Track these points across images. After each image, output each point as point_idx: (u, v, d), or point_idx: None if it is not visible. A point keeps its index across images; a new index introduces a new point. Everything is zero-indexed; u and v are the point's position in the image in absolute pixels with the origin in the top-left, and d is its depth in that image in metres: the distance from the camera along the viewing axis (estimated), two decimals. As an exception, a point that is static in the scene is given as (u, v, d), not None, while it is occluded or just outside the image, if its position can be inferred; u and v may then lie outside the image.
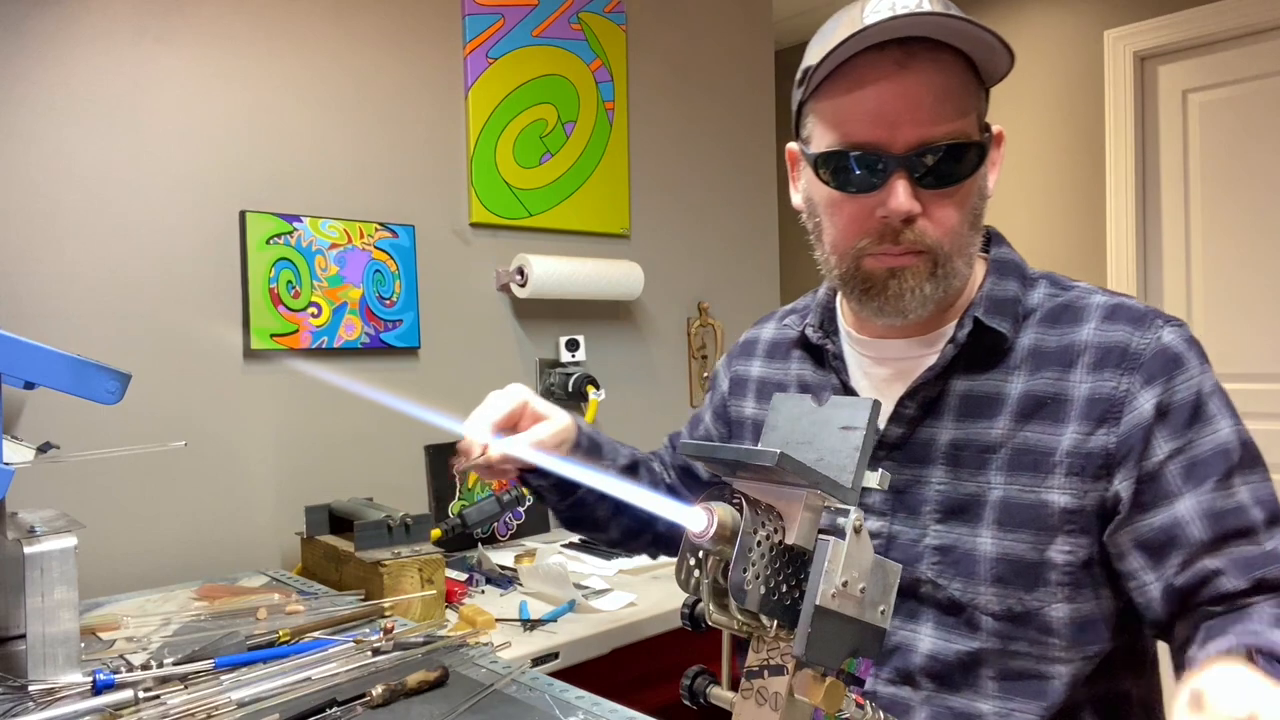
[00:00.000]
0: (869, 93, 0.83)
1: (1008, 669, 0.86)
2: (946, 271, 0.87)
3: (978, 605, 0.86)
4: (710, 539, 0.63)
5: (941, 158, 0.83)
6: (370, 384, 1.88)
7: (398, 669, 1.06)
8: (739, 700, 0.67)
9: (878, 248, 0.86)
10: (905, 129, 0.82)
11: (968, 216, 0.87)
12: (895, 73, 0.82)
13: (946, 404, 0.90)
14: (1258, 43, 2.73)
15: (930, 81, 0.83)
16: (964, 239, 0.87)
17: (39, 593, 1.01)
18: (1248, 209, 2.78)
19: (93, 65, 1.56)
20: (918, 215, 0.84)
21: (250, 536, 1.72)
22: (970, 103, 0.85)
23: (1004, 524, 0.86)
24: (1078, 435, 0.84)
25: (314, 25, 1.82)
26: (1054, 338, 0.89)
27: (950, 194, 0.85)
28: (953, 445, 0.89)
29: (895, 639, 0.90)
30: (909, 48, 0.82)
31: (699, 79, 2.54)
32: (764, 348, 1.12)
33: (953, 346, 0.89)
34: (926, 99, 0.82)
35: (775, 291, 2.78)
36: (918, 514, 0.90)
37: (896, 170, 0.83)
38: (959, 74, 0.84)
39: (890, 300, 0.88)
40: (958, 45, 0.83)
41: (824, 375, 1.01)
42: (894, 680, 0.90)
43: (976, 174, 0.86)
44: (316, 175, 1.82)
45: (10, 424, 1.40)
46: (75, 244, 1.54)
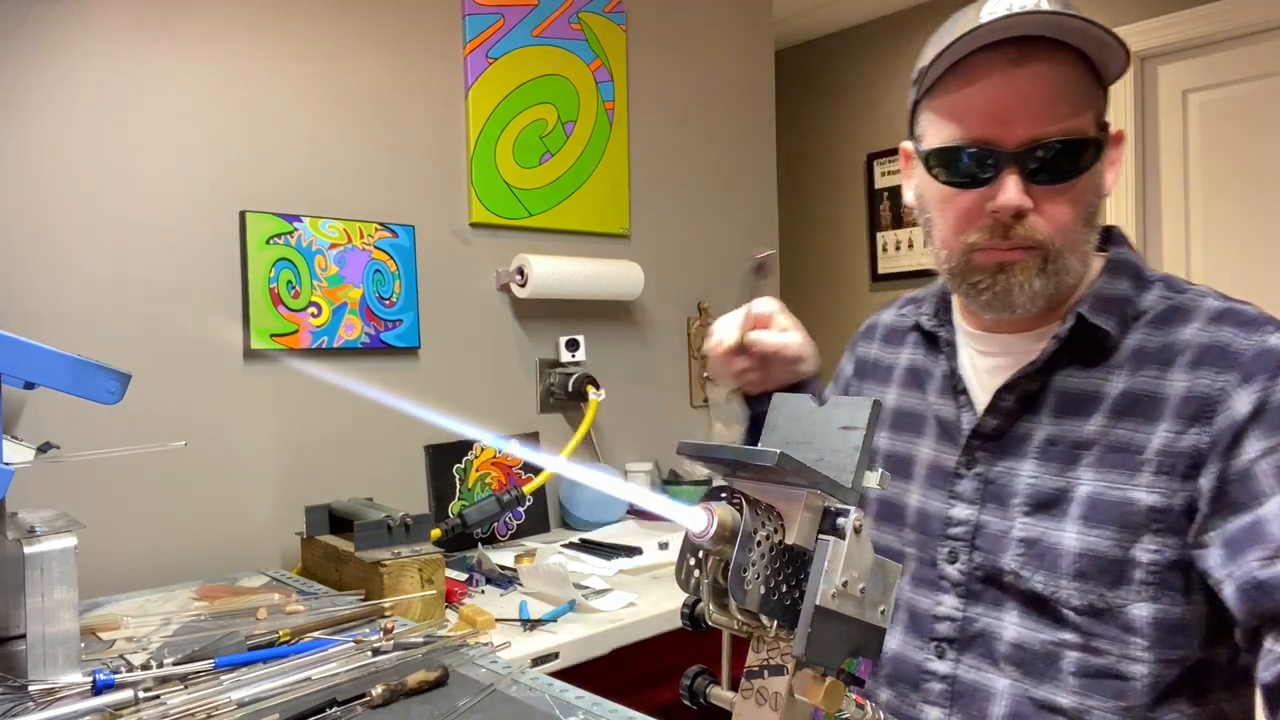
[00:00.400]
0: (982, 89, 0.85)
1: (1088, 665, 0.85)
2: (1057, 268, 0.87)
3: (1059, 599, 0.86)
4: (710, 539, 0.63)
5: (1054, 154, 0.84)
6: (370, 384, 1.88)
7: (398, 669, 1.05)
8: (739, 700, 0.67)
9: (987, 242, 0.87)
10: (1018, 125, 0.83)
11: (1081, 214, 0.87)
12: (1009, 70, 0.83)
13: (1045, 399, 0.91)
14: (1258, 43, 2.73)
15: (1044, 78, 0.83)
16: (1077, 236, 0.87)
17: (39, 593, 1.01)
18: (1248, 209, 2.77)
19: (93, 65, 1.56)
20: (1028, 211, 0.85)
21: (250, 536, 1.72)
22: (1086, 100, 0.85)
23: (1089, 519, 0.86)
24: (1169, 434, 0.84)
25: (314, 25, 1.82)
26: (1158, 338, 0.88)
27: (1063, 190, 0.85)
28: (1047, 440, 0.90)
29: (978, 625, 0.91)
30: (1023, 46, 0.83)
31: (699, 79, 2.54)
32: (882, 332, 1.14)
33: (1054, 342, 0.90)
34: (1039, 95, 0.83)
35: (775, 291, 2.78)
36: (1006, 505, 0.91)
37: (1008, 165, 0.84)
38: (1074, 72, 0.84)
39: (998, 295, 0.88)
40: (1073, 43, 0.84)
41: (933, 361, 1.03)
42: (974, 666, 0.91)
43: (1090, 171, 0.86)
44: (316, 175, 1.82)
45: (10, 424, 1.40)
46: (75, 244, 1.54)
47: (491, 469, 2.05)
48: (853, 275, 3.82)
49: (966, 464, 0.95)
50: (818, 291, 3.91)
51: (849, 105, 3.82)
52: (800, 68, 3.95)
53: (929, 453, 1.00)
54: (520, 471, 2.08)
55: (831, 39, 3.88)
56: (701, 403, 2.53)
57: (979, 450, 0.94)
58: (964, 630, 0.92)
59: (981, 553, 0.92)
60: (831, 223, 3.88)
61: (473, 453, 2.02)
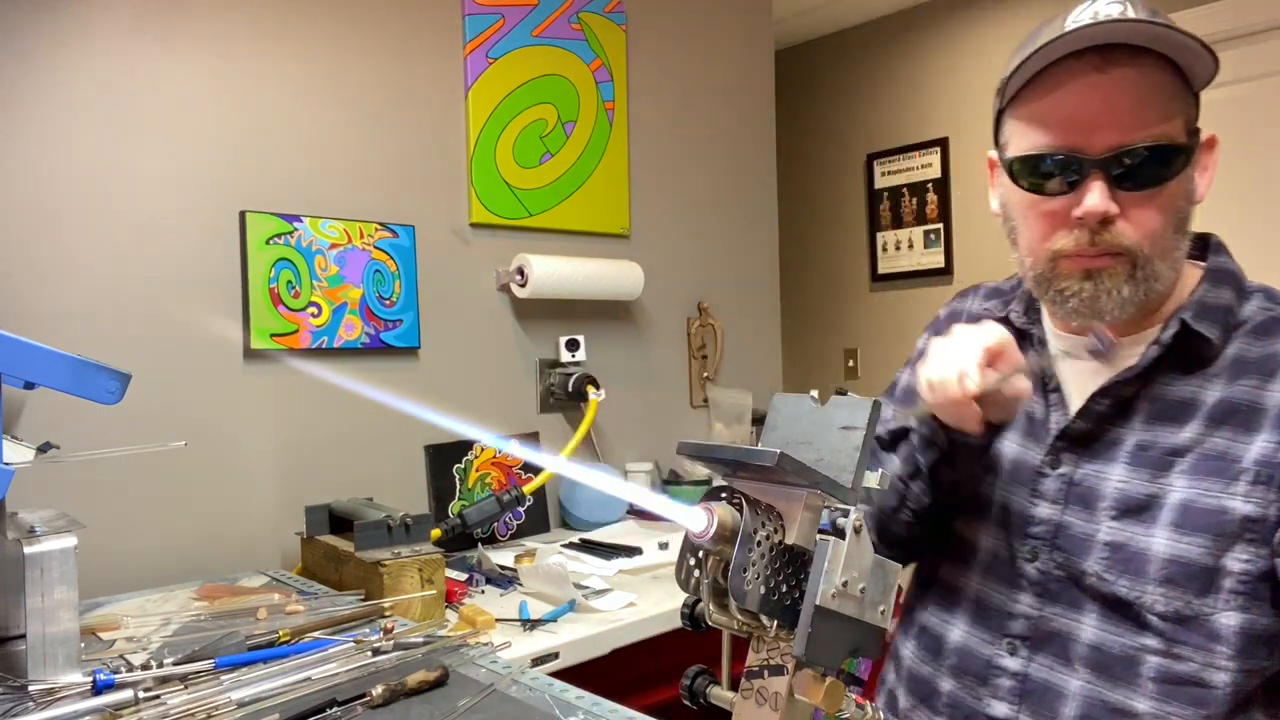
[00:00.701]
0: (1066, 97, 0.85)
1: (1170, 671, 0.84)
2: (1147, 274, 0.86)
3: (1144, 604, 0.85)
4: (710, 539, 0.63)
5: (1141, 160, 0.83)
6: (370, 384, 1.88)
7: (398, 669, 1.05)
8: (739, 700, 0.67)
9: (1074, 249, 0.87)
10: (1103, 132, 0.83)
11: (1171, 220, 0.86)
12: (1094, 77, 0.84)
13: (1139, 405, 0.90)
14: (1258, 43, 2.73)
15: (1129, 85, 0.83)
16: (1166, 242, 0.87)
17: (39, 593, 1.01)
18: (1248, 209, 2.77)
19: (92, 66, 1.56)
20: (1115, 217, 0.85)
21: (250, 536, 1.72)
22: (1174, 106, 0.85)
23: (1180, 526, 0.85)
24: (1269, 445, 0.83)
25: (314, 25, 1.82)
26: (1258, 348, 0.88)
27: (1150, 197, 0.85)
28: (1138, 445, 0.89)
29: (1054, 625, 0.91)
30: (1108, 53, 0.83)
31: (699, 79, 2.54)
32: (967, 321, 1.10)
33: (1157, 348, 0.89)
34: (1125, 102, 0.83)
35: (775, 291, 2.78)
36: (1093, 509, 0.90)
37: (1093, 171, 0.84)
38: (1161, 78, 0.84)
39: (1086, 302, 0.88)
40: (1159, 50, 0.83)
41: (1024, 356, 1.00)
42: (1048, 666, 0.90)
43: (1179, 177, 0.86)
44: (316, 175, 1.82)
45: (10, 424, 1.40)
46: (75, 244, 1.54)
47: (491, 469, 2.05)
48: (853, 275, 3.82)
49: (1051, 464, 0.94)
50: (818, 291, 3.91)
51: (849, 105, 3.82)
52: (800, 68, 3.95)
53: (1014, 448, 0.99)
54: (520, 471, 2.08)
55: (831, 39, 3.88)
56: (701, 403, 2.53)
57: (1065, 451, 0.94)
58: (1038, 629, 0.92)
59: (1063, 553, 0.91)
60: (831, 223, 3.88)
61: (473, 453, 2.02)
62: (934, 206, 3.53)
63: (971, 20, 3.42)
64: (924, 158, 3.55)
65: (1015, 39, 0.94)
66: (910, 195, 3.60)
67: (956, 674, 0.97)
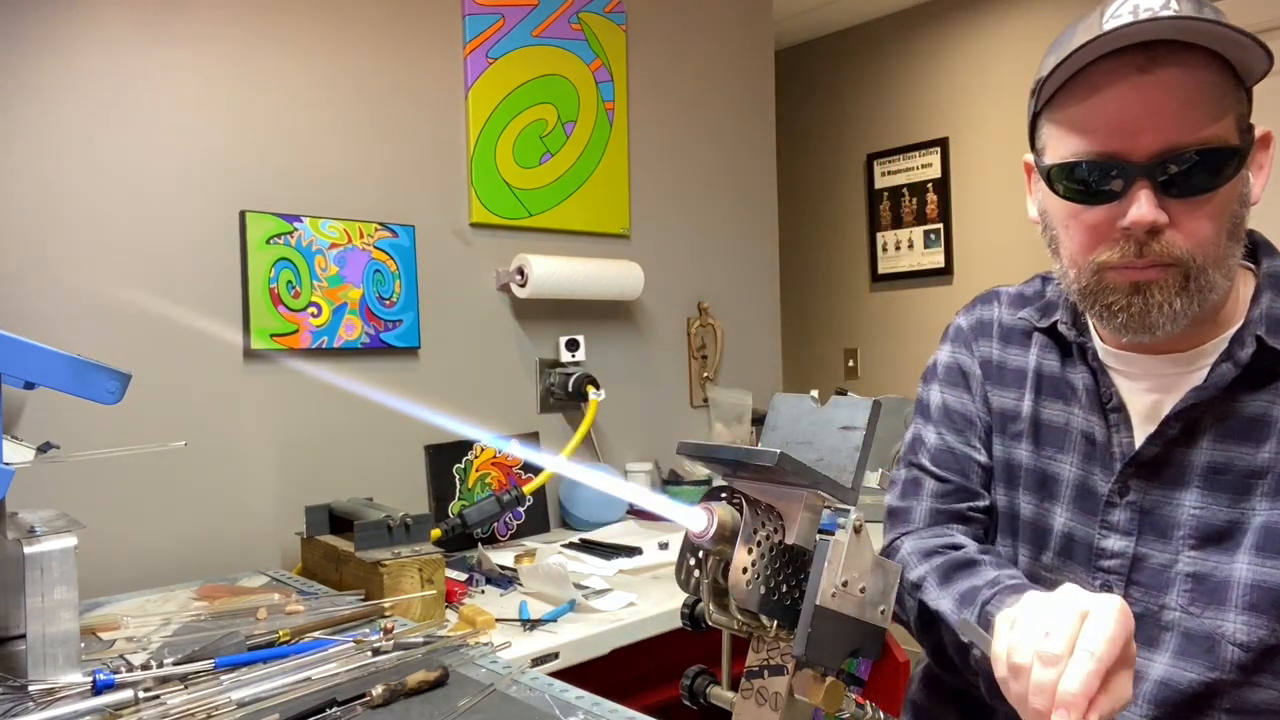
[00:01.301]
0: (1108, 100, 0.80)
1: (1246, 702, 0.81)
2: (1200, 285, 0.80)
3: (1224, 634, 0.82)
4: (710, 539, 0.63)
5: (1191, 166, 0.78)
6: (370, 384, 1.88)
7: (398, 669, 1.05)
8: (739, 700, 0.67)
9: (1120, 261, 0.82)
10: (1148, 136, 0.78)
11: (1225, 226, 0.81)
12: (1136, 78, 0.78)
13: (1205, 425, 0.85)
14: (1258, 43, 2.73)
15: (1175, 85, 0.78)
16: (1220, 250, 0.81)
17: (39, 593, 1.01)
18: (1248, 209, 2.77)
19: (92, 66, 1.56)
20: (1164, 226, 0.79)
21: (250, 536, 1.72)
22: (1225, 105, 0.80)
23: (1264, 549, 0.81)
24: None
25: (314, 25, 1.82)
26: None
27: (1202, 203, 0.79)
28: (1210, 468, 0.84)
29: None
30: (1152, 51, 0.78)
31: (699, 79, 2.54)
32: (999, 331, 1.05)
33: (1231, 366, 0.83)
34: (1171, 104, 0.78)
35: (775, 291, 2.78)
36: (1169, 538, 0.85)
37: (1138, 179, 0.79)
38: (1210, 76, 0.79)
39: (1135, 317, 0.82)
40: (1205, 44, 0.78)
41: (1073, 371, 0.95)
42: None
43: (1234, 181, 0.80)
44: (316, 175, 1.82)
45: (10, 424, 1.40)
46: (75, 244, 1.54)
47: (491, 469, 2.05)
48: (853, 275, 3.82)
49: (1119, 491, 0.89)
50: (818, 291, 3.91)
51: (849, 105, 3.82)
52: (800, 68, 3.95)
53: (1076, 472, 0.94)
54: (520, 471, 2.08)
55: (831, 39, 3.88)
56: (701, 403, 2.53)
57: (1132, 478, 0.88)
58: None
59: (1141, 588, 0.87)
60: (831, 223, 3.88)
61: (473, 453, 2.02)
62: (934, 206, 3.53)
63: (971, 20, 3.42)
64: (924, 158, 3.55)
65: (1016, 39, 0.93)
66: (910, 195, 3.60)
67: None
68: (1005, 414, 1.01)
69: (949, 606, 0.88)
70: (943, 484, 1.02)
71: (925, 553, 0.95)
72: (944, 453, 1.03)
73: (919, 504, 1.03)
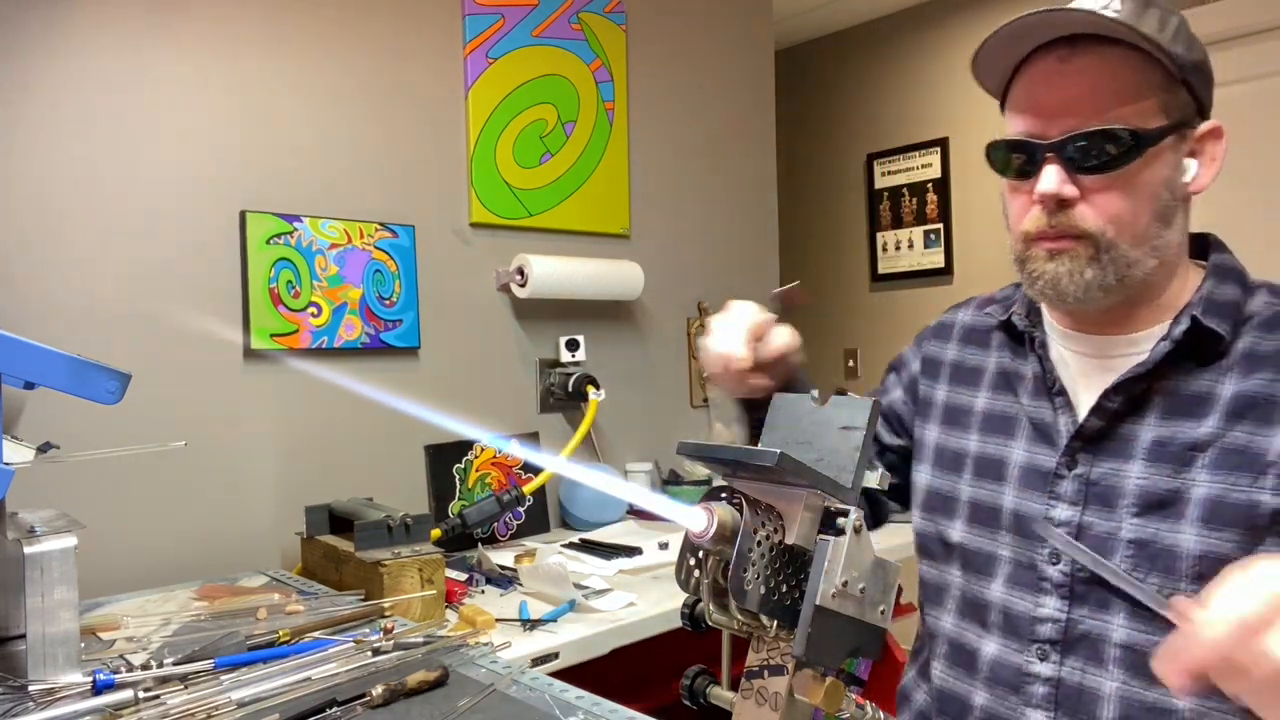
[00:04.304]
0: (1033, 86, 0.90)
1: None
2: (1113, 258, 0.87)
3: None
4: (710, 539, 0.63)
5: (1093, 144, 0.85)
6: (370, 384, 1.88)
7: (398, 669, 1.05)
8: (739, 700, 0.67)
9: (1038, 231, 0.90)
10: (1060, 117, 0.87)
11: (1145, 206, 0.87)
12: (1057, 67, 0.87)
13: (1152, 401, 0.90)
14: (1258, 43, 2.73)
15: (1089, 73, 0.86)
16: (1138, 228, 0.87)
17: (39, 593, 1.01)
18: (1248, 209, 2.77)
19: (92, 66, 1.56)
20: (1075, 199, 0.87)
21: (250, 536, 1.72)
22: (1141, 93, 0.86)
23: (1210, 521, 0.85)
24: None
25: (314, 25, 1.82)
26: (1270, 342, 0.88)
27: (1113, 181, 0.86)
28: (1155, 441, 0.89)
29: (1083, 627, 0.90)
30: (1075, 43, 0.86)
31: (699, 79, 2.54)
32: (960, 332, 1.12)
33: (1167, 344, 0.89)
34: (1082, 89, 0.86)
35: (775, 291, 2.78)
36: (1113, 507, 0.90)
37: (1046, 156, 0.87)
38: (1129, 66, 0.85)
39: (1050, 284, 0.90)
40: (1126, 40, 0.84)
41: (1023, 362, 1.02)
42: (1080, 668, 0.90)
43: (1152, 163, 0.86)
44: (316, 175, 1.82)
45: (10, 424, 1.40)
46: (75, 244, 1.54)
47: (491, 469, 2.05)
48: (853, 275, 3.82)
49: (1067, 465, 0.94)
50: (818, 291, 3.91)
51: (849, 105, 3.82)
52: (800, 68, 3.95)
53: (1022, 454, 0.98)
54: (520, 471, 2.08)
55: (831, 39, 3.88)
56: (701, 403, 2.53)
57: (1080, 452, 0.93)
58: (1068, 632, 0.91)
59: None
60: (831, 223, 3.88)
61: (473, 453, 2.02)
62: (934, 206, 3.53)
63: (971, 20, 3.42)
64: (924, 158, 3.55)
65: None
66: (910, 195, 3.60)
67: (991, 685, 0.96)
68: (958, 409, 1.08)
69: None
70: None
71: None
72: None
73: None
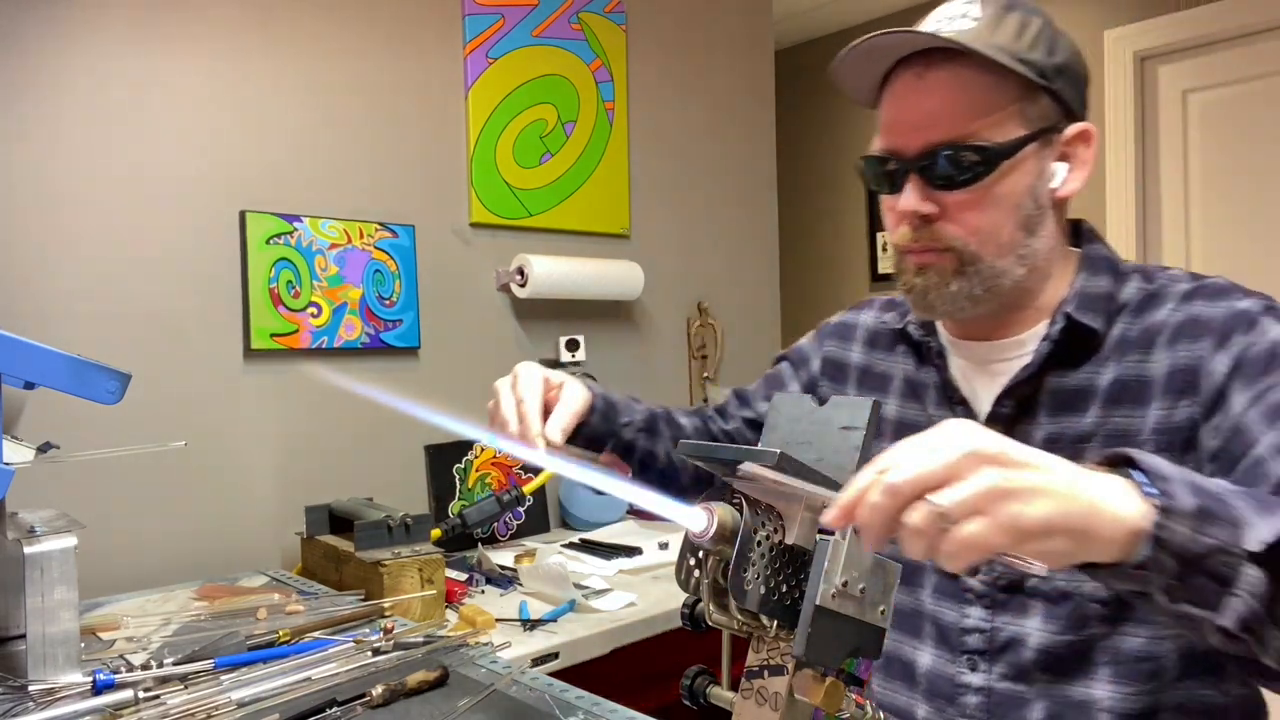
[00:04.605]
0: (893, 101, 0.90)
1: (1120, 652, 0.86)
2: (978, 270, 0.88)
3: (1084, 593, 0.87)
4: (710, 539, 0.63)
5: (945, 160, 0.86)
6: (370, 384, 1.88)
7: (398, 669, 1.06)
8: (739, 700, 0.67)
9: (905, 244, 0.91)
10: (916, 133, 0.87)
11: (1005, 217, 0.87)
12: (914, 83, 0.88)
13: (1041, 401, 0.91)
14: (1258, 43, 2.73)
15: (942, 88, 0.86)
16: (1002, 239, 0.88)
17: (39, 593, 1.02)
18: (1248, 209, 2.77)
19: (93, 66, 1.56)
20: (936, 215, 0.88)
21: (250, 536, 1.72)
22: (995, 105, 0.86)
23: None
24: (1161, 411, 0.85)
25: (314, 25, 1.82)
26: (1138, 325, 0.90)
27: (973, 194, 0.86)
28: (1047, 440, 0.90)
29: (1005, 634, 0.91)
30: (929, 59, 0.87)
31: (699, 79, 2.54)
32: (864, 335, 1.11)
33: (1047, 344, 0.90)
34: (935, 105, 0.86)
35: (775, 291, 2.78)
36: None
37: (908, 172, 0.88)
38: (982, 81, 0.85)
39: (919, 296, 0.91)
40: (969, 52, 0.84)
41: (926, 371, 1.02)
42: (1008, 676, 0.91)
43: (1011, 174, 0.86)
44: (316, 175, 1.82)
45: (10, 424, 1.40)
46: (75, 244, 1.54)
47: (491, 469, 2.05)
48: (853, 275, 3.82)
49: None
50: (818, 291, 3.91)
51: (849, 105, 3.82)
52: (800, 68, 3.95)
53: None
54: (520, 471, 2.08)
55: (831, 39, 3.88)
56: (702, 402, 2.53)
57: None
58: (992, 640, 0.92)
59: (1001, 564, 0.91)
60: (831, 223, 3.88)
61: (473, 453, 2.02)
62: (934, 206, 3.53)
63: (971, 20, 3.42)
64: (924, 158, 3.55)
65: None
66: (910, 195, 3.60)
67: (930, 697, 0.97)
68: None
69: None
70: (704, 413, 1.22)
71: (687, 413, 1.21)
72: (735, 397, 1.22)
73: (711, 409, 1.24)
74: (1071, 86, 0.89)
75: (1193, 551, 0.58)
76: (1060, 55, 0.88)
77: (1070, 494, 0.58)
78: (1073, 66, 0.89)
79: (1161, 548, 0.58)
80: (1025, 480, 0.57)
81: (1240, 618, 0.58)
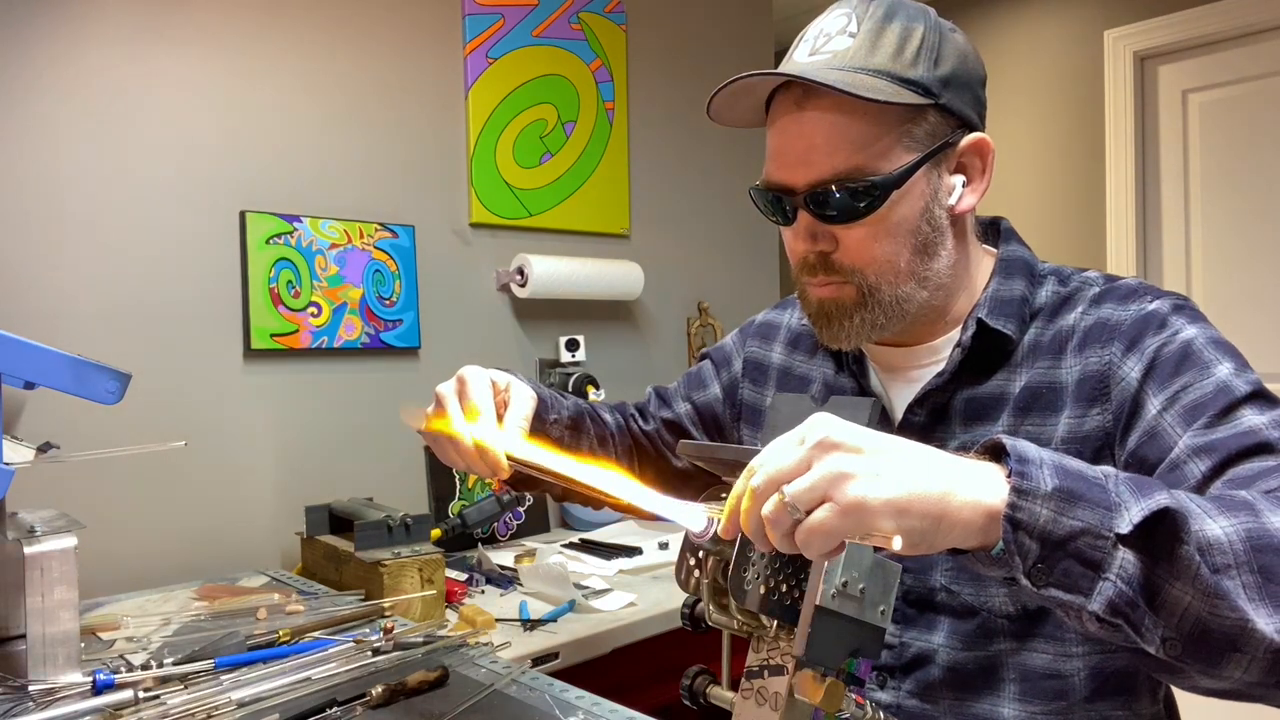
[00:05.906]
0: (777, 132, 0.88)
1: (1026, 670, 0.85)
2: (879, 299, 0.86)
3: (992, 609, 0.85)
4: (710, 539, 0.63)
5: (834, 197, 0.83)
6: (370, 384, 1.88)
7: (398, 669, 1.06)
8: (739, 700, 0.67)
9: (804, 278, 0.89)
10: (803, 169, 0.85)
11: (901, 244, 0.85)
12: (795, 113, 0.85)
13: (954, 409, 0.90)
14: (1258, 43, 2.73)
15: (823, 122, 0.83)
16: (895, 267, 0.85)
17: (39, 593, 1.02)
18: (1248, 209, 2.77)
19: (93, 66, 1.56)
20: (830, 250, 0.86)
21: (250, 536, 1.72)
22: (880, 133, 0.82)
23: None
24: (1072, 420, 0.84)
25: (314, 25, 1.82)
26: (1049, 331, 0.88)
27: (867, 226, 0.84)
28: (959, 449, 0.87)
29: (913, 650, 0.90)
30: (807, 88, 0.83)
31: (699, 79, 2.54)
32: (787, 336, 1.10)
33: (960, 351, 0.89)
34: (817, 140, 0.83)
35: (775, 291, 2.78)
36: None
37: (799, 209, 0.86)
38: (859, 110, 0.81)
39: (825, 328, 0.89)
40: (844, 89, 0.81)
41: (844, 378, 1.00)
42: (915, 693, 0.90)
43: (892, 204, 0.83)
44: (316, 175, 1.82)
45: (10, 424, 1.40)
46: (75, 244, 1.54)
47: (491, 469, 2.05)
48: (853, 275, 3.82)
49: None
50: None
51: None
52: (800, 68, 3.94)
53: None
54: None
55: (831, 39, 3.87)
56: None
57: None
58: (901, 656, 0.91)
59: (910, 573, 0.90)
60: (831, 223, 3.88)
61: (473, 453, 2.02)
62: (934, 206, 3.53)
63: (970, 21, 3.42)
64: (924, 158, 3.55)
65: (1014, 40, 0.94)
66: (910, 195, 3.60)
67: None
68: (764, 413, 1.08)
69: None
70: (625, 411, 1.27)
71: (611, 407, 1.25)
72: (656, 396, 1.26)
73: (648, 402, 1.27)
74: (962, 95, 0.85)
75: (1056, 534, 0.56)
76: (947, 64, 0.83)
77: (923, 477, 0.56)
78: (962, 73, 0.85)
79: (1020, 529, 0.56)
80: (868, 465, 0.56)
81: (1109, 601, 0.56)
